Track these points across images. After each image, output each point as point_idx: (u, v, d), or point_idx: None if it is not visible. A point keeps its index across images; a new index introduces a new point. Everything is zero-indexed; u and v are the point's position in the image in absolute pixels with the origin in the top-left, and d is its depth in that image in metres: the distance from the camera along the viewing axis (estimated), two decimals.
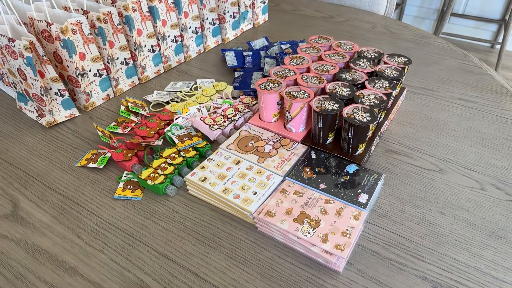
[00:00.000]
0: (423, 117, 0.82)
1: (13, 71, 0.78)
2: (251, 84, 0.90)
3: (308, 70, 0.79)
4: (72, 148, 0.75)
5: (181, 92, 0.89)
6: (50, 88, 0.78)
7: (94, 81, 0.84)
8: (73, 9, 0.81)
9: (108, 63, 0.86)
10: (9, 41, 0.71)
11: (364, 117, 0.64)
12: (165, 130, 0.74)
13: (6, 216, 0.62)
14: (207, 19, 1.05)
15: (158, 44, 0.95)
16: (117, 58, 0.87)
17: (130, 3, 0.83)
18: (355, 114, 0.65)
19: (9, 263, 0.55)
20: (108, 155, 0.71)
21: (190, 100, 0.85)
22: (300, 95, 0.70)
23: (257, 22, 1.24)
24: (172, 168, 0.67)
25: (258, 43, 1.05)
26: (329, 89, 0.72)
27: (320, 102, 0.68)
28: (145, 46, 0.91)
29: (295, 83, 0.76)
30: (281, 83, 0.73)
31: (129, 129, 0.79)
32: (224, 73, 0.99)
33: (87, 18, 0.80)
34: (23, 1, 0.85)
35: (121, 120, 0.82)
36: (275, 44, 1.06)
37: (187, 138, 0.73)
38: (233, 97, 0.88)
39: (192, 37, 1.03)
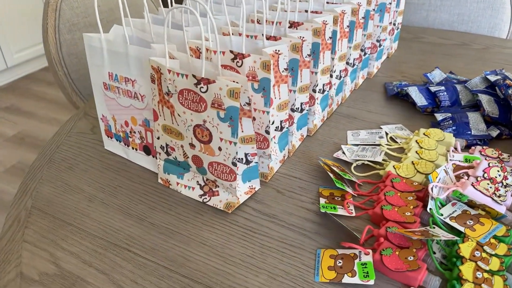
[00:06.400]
0: None
1: (178, 129, 0.51)
2: (471, 129, 0.65)
3: None
4: (286, 247, 0.47)
5: (382, 145, 0.64)
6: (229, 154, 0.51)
7: (274, 137, 0.57)
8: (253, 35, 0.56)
9: (293, 111, 0.60)
10: (197, 84, 0.45)
11: None
12: (428, 209, 0.48)
13: None
14: (363, 47, 0.82)
15: (330, 82, 0.70)
16: (293, 104, 0.61)
17: (321, 25, 0.59)
18: None
19: None
20: (367, 259, 0.44)
21: (411, 158, 0.59)
22: None
23: (390, 52, 1.01)
24: (501, 280, 0.40)
25: (436, 75, 0.81)
26: None
27: None
28: (316, 85, 0.66)
29: None
30: None
31: (352, 207, 0.52)
32: (399, 113, 0.74)
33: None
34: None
35: (327, 193, 0.55)
36: (447, 75, 0.83)
37: (471, 221, 0.47)
38: (455, 148, 0.63)
39: (348, 71, 0.79)
